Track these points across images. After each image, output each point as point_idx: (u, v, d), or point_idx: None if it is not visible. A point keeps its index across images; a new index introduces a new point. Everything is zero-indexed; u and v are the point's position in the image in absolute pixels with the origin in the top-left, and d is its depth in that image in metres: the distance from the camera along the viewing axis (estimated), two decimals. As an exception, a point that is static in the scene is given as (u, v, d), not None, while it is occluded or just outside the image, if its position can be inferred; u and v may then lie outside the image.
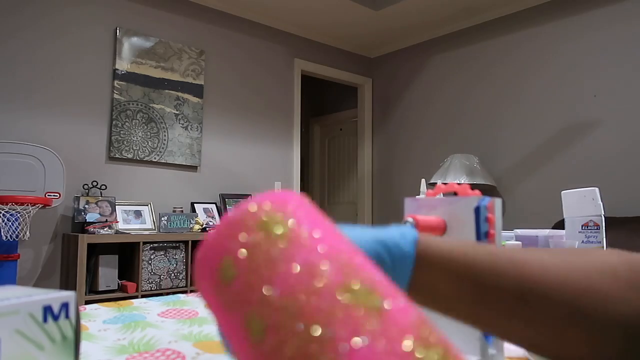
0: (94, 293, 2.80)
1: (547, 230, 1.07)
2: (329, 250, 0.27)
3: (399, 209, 4.46)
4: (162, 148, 3.36)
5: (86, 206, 2.88)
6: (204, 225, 3.27)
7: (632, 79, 3.11)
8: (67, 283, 2.84)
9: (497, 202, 0.52)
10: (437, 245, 0.36)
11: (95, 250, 2.84)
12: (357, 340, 0.22)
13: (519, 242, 0.86)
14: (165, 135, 3.38)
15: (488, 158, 3.82)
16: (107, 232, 2.88)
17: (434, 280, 0.35)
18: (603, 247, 0.96)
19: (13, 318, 0.36)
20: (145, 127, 3.29)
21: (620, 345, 0.33)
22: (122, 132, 3.18)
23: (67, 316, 0.41)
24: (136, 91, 3.26)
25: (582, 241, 0.97)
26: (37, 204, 2.59)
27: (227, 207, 3.56)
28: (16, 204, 2.50)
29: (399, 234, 0.36)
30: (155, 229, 3.19)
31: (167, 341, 0.64)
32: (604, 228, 0.96)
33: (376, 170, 4.72)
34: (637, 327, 0.33)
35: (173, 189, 3.44)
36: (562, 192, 1.01)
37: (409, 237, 0.36)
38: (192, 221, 3.20)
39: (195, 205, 3.49)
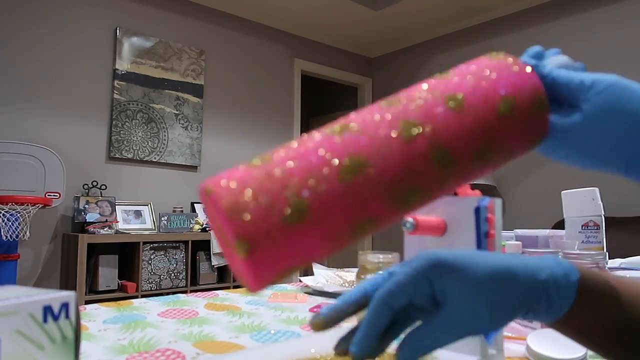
0: (94, 293, 2.80)
1: (547, 230, 1.07)
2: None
3: (399, 209, 4.45)
4: (162, 148, 3.36)
5: (86, 206, 2.88)
6: (204, 225, 3.27)
7: (632, 79, 3.11)
8: (67, 283, 2.84)
9: (497, 202, 0.52)
10: (593, 284, 0.35)
11: (95, 250, 2.84)
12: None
13: (519, 242, 0.86)
14: (165, 135, 3.38)
15: (488, 158, 3.82)
16: (107, 232, 2.87)
17: (584, 318, 0.35)
18: (603, 247, 0.96)
19: (13, 318, 0.36)
20: (145, 127, 3.29)
21: None
22: (122, 132, 3.18)
23: (67, 316, 0.41)
24: (136, 91, 3.26)
25: (582, 241, 0.97)
26: (37, 204, 2.59)
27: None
28: (16, 204, 2.50)
29: (561, 273, 0.34)
30: (155, 229, 3.19)
31: (167, 341, 0.64)
32: (604, 228, 0.96)
33: (376, 170, 4.71)
34: None
35: (173, 189, 3.44)
36: (562, 192, 1.01)
37: (572, 279, 0.34)
38: (192, 221, 3.20)
39: (195, 205, 3.49)
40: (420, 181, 0.33)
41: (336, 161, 0.31)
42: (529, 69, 0.38)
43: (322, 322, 0.37)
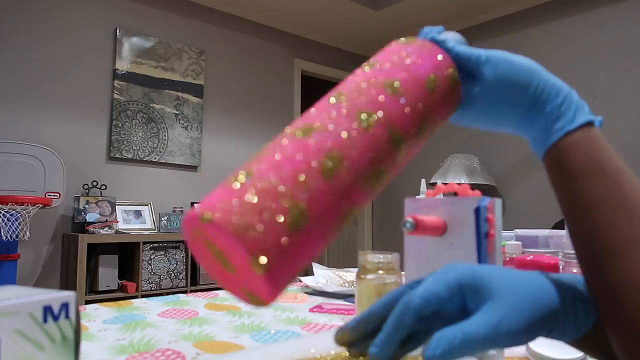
0: (94, 293, 2.80)
1: (547, 230, 1.07)
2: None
3: (399, 209, 4.46)
4: (162, 148, 3.36)
5: (86, 206, 2.88)
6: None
7: (632, 79, 3.11)
8: (67, 283, 2.84)
9: (497, 202, 0.52)
10: None
11: (95, 250, 2.84)
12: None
13: (519, 242, 0.86)
14: (165, 135, 3.38)
15: (488, 158, 3.82)
16: (107, 232, 2.87)
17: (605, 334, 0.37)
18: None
19: (13, 318, 0.36)
20: (145, 127, 3.29)
21: None
22: (122, 132, 3.18)
23: (67, 316, 0.41)
24: (136, 91, 3.26)
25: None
26: (37, 204, 2.58)
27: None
28: (16, 204, 2.50)
29: (584, 290, 0.37)
30: (155, 229, 3.19)
31: (167, 341, 0.64)
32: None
33: (376, 170, 4.71)
34: None
35: (173, 189, 3.44)
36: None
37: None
38: (192, 221, 3.19)
39: (195, 205, 3.48)
40: (385, 162, 0.37)
41: (316, 162, 0.33)
42: (438, 48, 0.44)
43: (348, 335, 0.36)
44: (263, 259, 0.29)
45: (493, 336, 0.32)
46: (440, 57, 0.43)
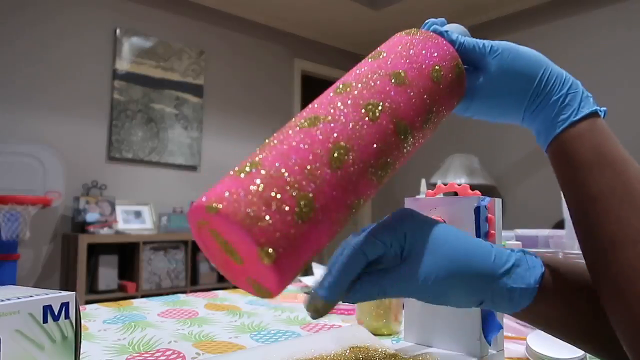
0: (94, 293, 2.80)
1: (547, 230, 1.07)
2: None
3: (399, 209, 4.45)
4: (162, 148, 3.36)
5: (86, 206, 2.88)
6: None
7: (632, 80, 3.11)
8: (67, 283, 2.84)
9: (497, 202, 0.52)
10: (552, 277, 0.37)
11: (95, 250, 2.84)
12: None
13: (519, 242, 0.86)
14: (165, 135, 3.38)
15: (488, 158, 3.82)
16: (107, 232, 2.87)
17: (547, 311, 0.37)
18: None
19: (13, 318, 0.36)
20: (145, 127, 3.29)
21: None
22: (122, 132, 3.18)
23: (67, 316, 0.41)
24: (136, 91, 3.26)
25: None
26: (37, 204, 2.58)
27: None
28: (16, 204, 2.50)
29: (525, 267, 0.37)
30: (155, 229, 3.19)
31: (167, 341, 0.64)
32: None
33: (376, 170, 4.71)
34: None
35: (173, 189, 3.44)
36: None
37: (535, 273, 0.37)
38: (192, 221, 3.19)
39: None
40: (391, 153, 0.37)
41: (323, 152, 0.33)
42: (443, 39, 0.44)
43: (325, 306, 0.37)
44: (271, 250, 0.29)
45: (405, 292, 0.36)
46: (445, 48, 0.43)
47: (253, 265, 0.31)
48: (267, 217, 0.29)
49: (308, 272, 1.40)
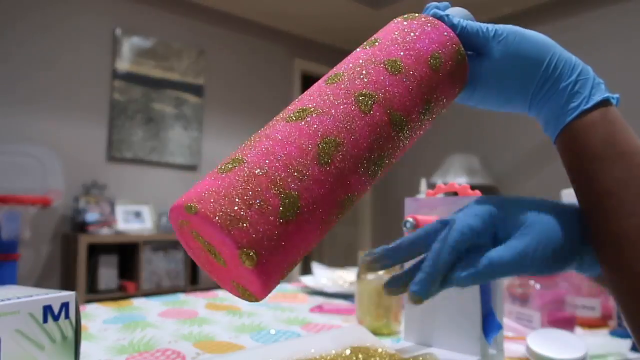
0: (94, 293, 2.80)
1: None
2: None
3: (399, 209, 4.46)
4: (162, 148, 3.36)
5: (86, 206, 2.88)
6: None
7: (632, 79, 3.11)
8: (67, 283, 2.84)
9: (497, 202, 0.52)
10: None
11: (95, 250, 2.84)
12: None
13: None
14: (165, 135, 3.38)
15: (488, 158, 3.82)
16: (107, 232, 2.87)
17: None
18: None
19: (13, 318, 0.36)
20: (145, 127, 3.29)
21: None
22: (122, 132, 3.18)
23: (67, 316, 0.41)
24: (136, 91, 3.26)
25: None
26: (37, 204, 2.58)
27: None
28: (16, 203, 2.50)
29: None
30: (155, 229, 3.19)
31: (167, 341, 0.64)
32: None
33: (376, 170, 4.71)
34: None
35: (173, 189, 3.44)
36: (562, 191, 1.01)
37: None
38: (192, 221, 3.19)
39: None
40: (385, 147, 0.35)
41: (310, 147, 0.31)
42: (442, 24, 0.42)
43: (374, 260, 0.36)
44: (252, 252, 0.27)
45: (516, 263, 0.33)
46: (444, 33, 0.41)
47: (236, 268, 0.29)
48: (248, 218, 0.28)
49: (308, 272, 1.40)
